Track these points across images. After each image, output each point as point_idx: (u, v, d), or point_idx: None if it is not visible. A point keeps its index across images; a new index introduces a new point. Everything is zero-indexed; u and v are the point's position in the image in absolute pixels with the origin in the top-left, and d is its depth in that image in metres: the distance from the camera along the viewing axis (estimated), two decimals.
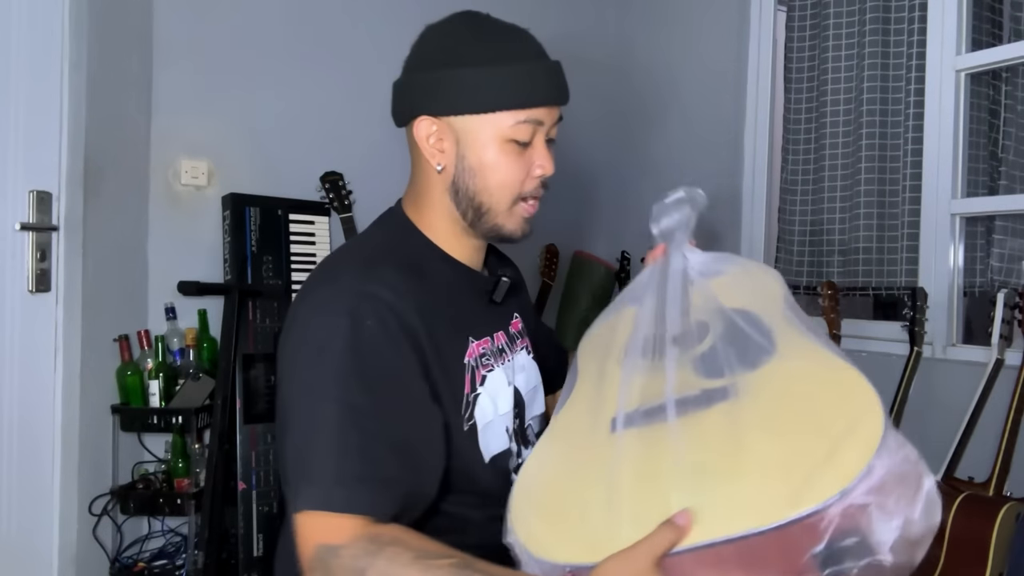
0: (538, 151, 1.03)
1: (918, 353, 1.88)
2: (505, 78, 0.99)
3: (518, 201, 1.04)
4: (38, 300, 1.86)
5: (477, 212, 1.03)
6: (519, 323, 1.19)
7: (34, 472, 1.87)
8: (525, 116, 1.00)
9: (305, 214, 2.35)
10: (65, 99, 1.88)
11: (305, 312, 0.95)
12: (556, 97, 1.03)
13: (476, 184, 1.02)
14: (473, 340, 1.03)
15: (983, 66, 1.92)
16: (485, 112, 0.99)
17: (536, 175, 1.03)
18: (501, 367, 1.07)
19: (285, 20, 2.45)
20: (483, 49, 1.00)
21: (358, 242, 1.11)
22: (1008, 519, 1.52)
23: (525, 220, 1.06)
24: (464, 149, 1.01)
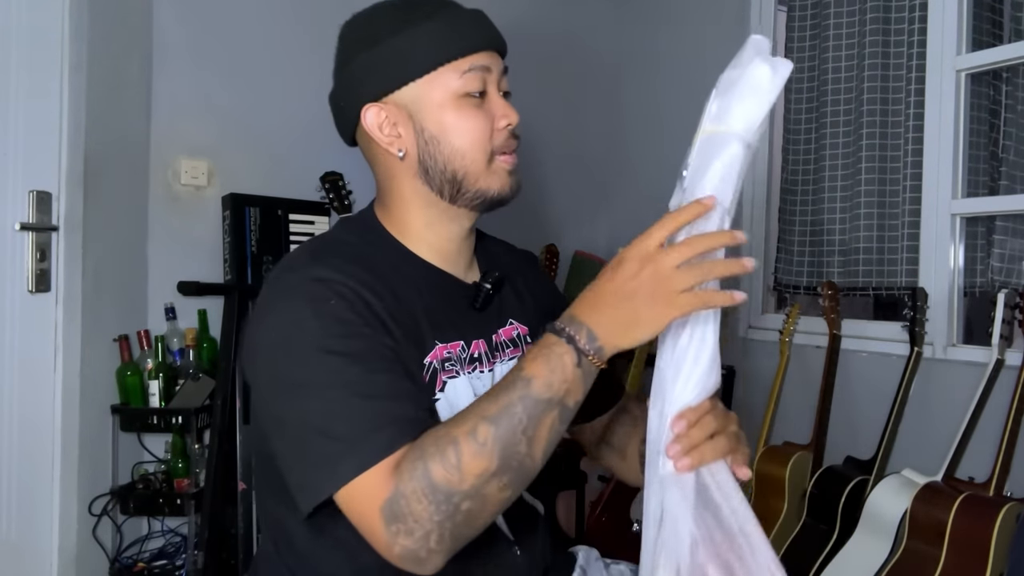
0: (495, 102, 0.96)
1: (918, 353, 1.88)
2: (433, 33, 0.93)
3: (493, 157, 0.96)
4: (38, 300, 1.86)
5: (454, 182, 0.96)
6: (514, 330, 1.07)
7: (34, 472, 1.87)
8: (468, 64, 0.94)
9: (305, 214, 2.34)
10: (65, 99, 1.88)
11: (262, 315, 0.89)
12: (491, 40, 0.97)
13: (443, 152, 0.95)
14: (439, 342, 0.95)
15: (983, 66, 1.92)
16: (426, 73, 0.93)
17: (502, 126, 0.96)
18: (466, 376, 0.97)
19: (285, 20, 2.45)
20: (401, 16, 0.95)
21: (310, 242, 1.03)
22: (1008, 519, 1.52)
23: (509, 174, 0.98)
24: (421, 121, 0.95)
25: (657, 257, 0.77)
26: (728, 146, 0.81)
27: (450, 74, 0.93)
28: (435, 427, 0.80)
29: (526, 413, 0.77)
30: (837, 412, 2.05)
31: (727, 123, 0.81)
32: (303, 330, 0.84)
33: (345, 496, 0.78)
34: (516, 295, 1.11)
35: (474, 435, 0.76)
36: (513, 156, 0.98)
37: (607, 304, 0.78)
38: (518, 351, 1.07)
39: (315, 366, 0.82)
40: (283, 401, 0.85)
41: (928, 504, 1.63)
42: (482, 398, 0.80)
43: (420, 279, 0.97)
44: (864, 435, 2.02)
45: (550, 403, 0.78)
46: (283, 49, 2.44)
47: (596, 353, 0.79)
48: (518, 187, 0.99)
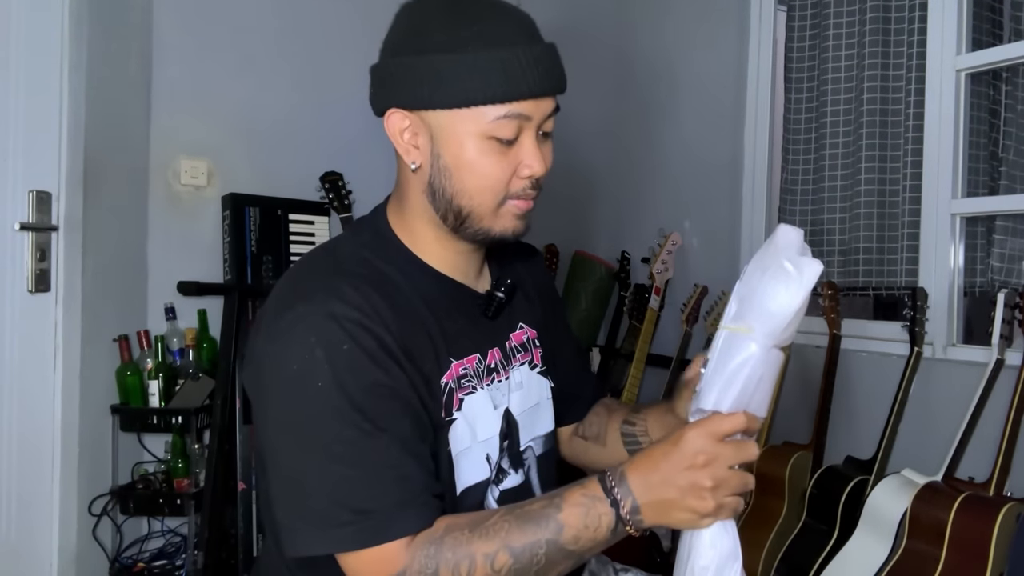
0: (526, 149, 0.90)
1: (918, 353, 1.88)
2: (482, 67, 0.85)
3: (505, 202, 0.92)
4: (38, 300, 1.86)
5: (457, 216, 0.92)
6: (524, 334, 1.07)
7: (34, 472, 1.87)
8: (506, 111, 0.86)
9: (305, 214, 2.35)
10: (65, 99, 1.88)
11: (271, 346, 0.86)
12: (545, 87, 0.88)
13: (453, 186, 0.90)
14: (454, 360, 0.94)
15: (983, 66, 1.92)
16: (459, 107, 0.87)
17: (524, 175, 0.91)
18: (486, 389, 0.97)
19: (285, 20, 2.45)
20: (458, 31, 0.86)
21: (322, 255, 0.97)
22: (1008, 519, 1.51)
23: (517, 218, 0.93)
24: (439, 147, 0.90)
25: (718, 454, 0.78)
26: (746, 348, 0.78)
27: (484, 113, 0.87)
28: (459, 526, 0.82)
29: (547, 557, 0.80)
30: (837, 412, 2.05)
31: (747, 323, 0.78)
32: (316, 377, 0.82)
33: (349, 559, 0.83)
34: (525, 297, 1.10)
35: (492, 561, 0.80)
36: (529, 203, 0.94)
37: (660, 484, 0.79)
38: (528, 355, 1.07)
39: (328, 425, 0.82)
40: (286, 445, 0.85)
41: (928, 504, 1.63)
42: (513, 518, 0.82)
43: (433, 292, 0.95)
44: (864, 435, 2.02)
45: (571, 554, 0.81)
46: (283, 49, 2.44)
47: (635, 524, 0.81)
48: (525, 230, 0.96)
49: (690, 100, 2.75)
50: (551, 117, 0.92)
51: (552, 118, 0.93)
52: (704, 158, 2.68)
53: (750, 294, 0.78)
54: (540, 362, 1.09)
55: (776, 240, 0.79)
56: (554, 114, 0.92)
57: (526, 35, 0.88)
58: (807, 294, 0.77)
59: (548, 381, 1.10)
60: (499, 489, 0.99)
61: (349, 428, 0.81)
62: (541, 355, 1.09)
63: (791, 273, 0.76)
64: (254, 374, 0.88)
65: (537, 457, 1.06)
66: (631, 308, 2.69)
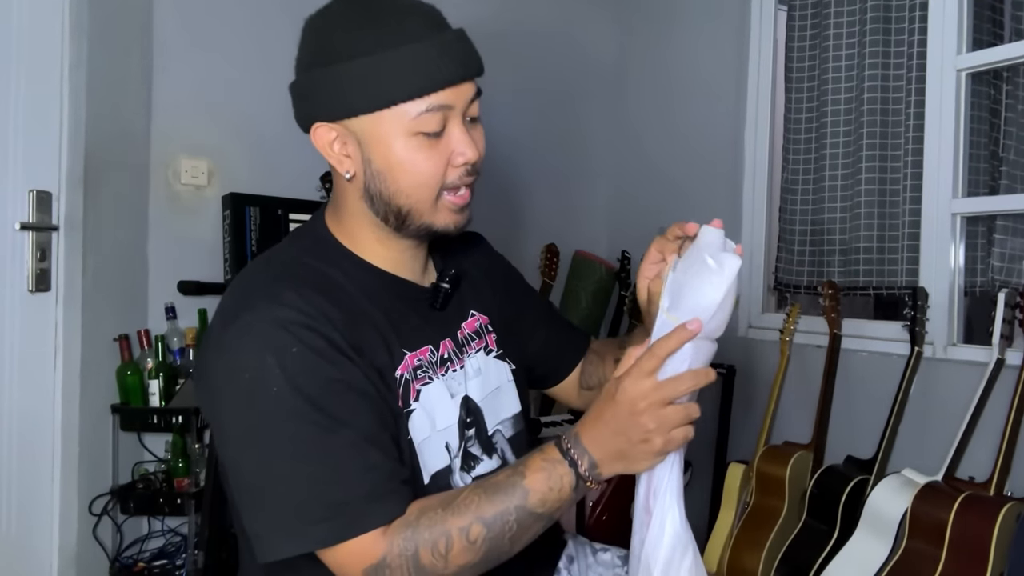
0: (455, 137, 0.90)
1: (919, 353, 1.88)
2: (394, 65, 0.85)
3: (441, 194, 0.92)
4: (38, 300, 1.86)
5: (398, 216, 0.93)
6: (475, 321, 1.08)
7: (34, 472, 1.87)
8: (427, 104, 0.87)
9: (305, 214, 2.34)
10: (65, 99, 1.88)
11: (220, 359, 0.86)
12: (461, 72, 0.88)
13: (388, 188, 0.91)
14: (407, 352, 0.95)
15: (984, 65, 1.92)
16: (379, 109, 0.87)
17: (457, 164, 0.91)
18: (442, 379, 0.99)
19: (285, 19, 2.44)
20: (363, 36, 0.86)
21: (261, 264, 0.97)
22: (1009, 519, 1.51)
23: (454, 211, 0.94)
24: (368, 152, 0.90)
25: (653, 396, 0.81)
26: None
27: (404, 111, 0.87)
28: (431, 507, 0.85)
29: (518, 523, 0.84)
30: (837, 412, 2.05)
31: (677, 316, 0.84)
32: (269, 383, 0.82)
33: (330, 555, 0.84)
34: (472, 285, 1.11)
35: (467, 533, 0.83)
36: (466, 192, 0.94)
37: (610, 437, 0.83)
38: (482, 342, 1.08)
39: (288, 428, 0.83)
40: (248, 455, 0.85)
41: (928, 504, 1.63)
42: (482, 491, 0.85)
43: (378, 289, 0.96)
44: (864, 435, 2.02)
45: (540, 517, 0.85)
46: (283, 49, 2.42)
47: (594, 478, 0.85)
48: (467, 222, 0.97)
49: (690, 100, 2.74)
50: (474, 101, 0.92)
51: (476, 102, 0.93)
52: (704, 158, 2.68)
53: (678, 290, 0.85)
54: (495, 346, 1.10)
55: (698, 241, 0.87)
56: (477, 98, 0.92)
57: (432, 26, 0.88)
58: (728, 286, 0.83)
59: (508, 364, 1.11)
60: (471, 476, 1.00)
61: (309, 426, 0.83)
62: (496, 339, 1.10)
63: (712, 268, 0.83)
64: (206, 388, 0.89)
65: (508, 439, 1.08)
66: (631, 308, 2.69)
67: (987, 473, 1.65)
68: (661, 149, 2.86)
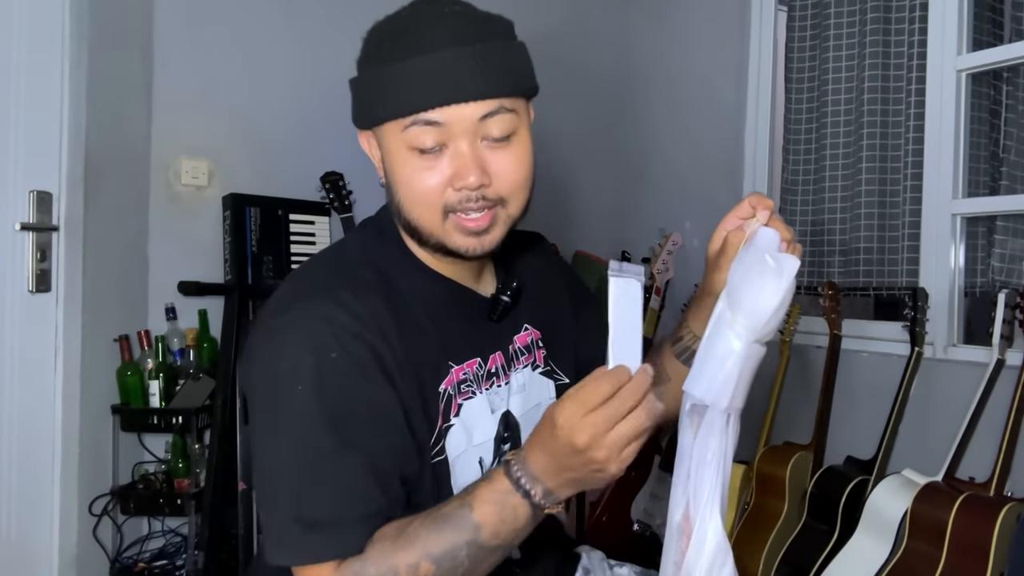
0: (455, 158, 0.86)
1: (919, 353, 1.88)
2: (381, 82, 0.86)
3: (447, 216, 0.88)
4: (38, 300, 1.86)
5: (412, 230, 0.91)
6: (528, 336, 1.05)
7: (34, 472, 1.87)
8: (411, 120, 0.85)
9: (305, 214, 2.35)
10: (65, 99, 1.88)
11: (265, 345, 0.87)
12: (443, 96, 0.84)
13: (399, 200, 0.90)
14: (454, 365, 0.93)
15: (984, 66, 1.92)
16: (374, 125, 0.89)
17: (456, 187, 0.86)
18: (484, 393, 0.96)
19: (285, 20, 2.45)
20: (379, 45, 0.88)
21: (329, 255, 0.98)
22: (1009, 519, 1.51)
23: (465, 234, 0.89)
24: (386, 162, 0.91)
25: (592, 429, 0.74)
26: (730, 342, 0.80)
27: (399, 125, 0.86)
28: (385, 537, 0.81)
29: (470, 558, 0.79)
30: (837, 412, 2.05)
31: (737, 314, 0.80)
32: (298, 380, 0.82)
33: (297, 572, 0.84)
34: (529, 296, 1.07)
35: (415, 570, 0.79)
36: (480, 217, 0.88)
37: (559, 470, 0.78)
38: (531, 357, 1.05)
39: (299, 430, 0.82)
40: (264, 444, 0.85)
41: (928, 504, 1.63)
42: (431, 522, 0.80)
43: (434, 296, 0.94)
44: (864, 435, 2.02)
45: (495, 549, 0.81)
46: (284, 49, 2.44)
47: (552, 503, 0.80)
48: (480, 248, 0.90)
49: (690, 100, 2.74)
50: (490, 119, 0.86)
51: (497, 120, 0.86)
52: (704, 158, 2.68)
53: (737, 286, 0.80)
54: (543, 363, 1.07)
55: (755, 240, 0.83)
56: (493, 116, 0.86)
57: (445, 41, 0.84)
58: (788, 288, 0.79)
59: (551, 381, 1.08)
60: None
61: (318, 438, 0.81)
62: (544, 355, 1.07)
63: (772, 268, 0.79)
64: (247, 371, 0.89)
65: None
66: None
67: (987, 473, 1.65)
68: (661, 149, 2.86)
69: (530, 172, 0.92)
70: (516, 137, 0.89)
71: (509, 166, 0.88)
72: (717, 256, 0.94)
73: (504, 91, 0.86)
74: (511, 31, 0.91)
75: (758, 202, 0.89)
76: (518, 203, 0.92)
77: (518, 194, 0.91)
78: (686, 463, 0.81)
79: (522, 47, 0.91)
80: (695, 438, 0.81)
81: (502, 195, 0.89)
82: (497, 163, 0.87)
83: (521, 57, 0.90)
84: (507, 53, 0.88)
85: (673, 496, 0.82)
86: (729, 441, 0.81)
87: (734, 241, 0.90)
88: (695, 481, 0.80)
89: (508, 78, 0.87)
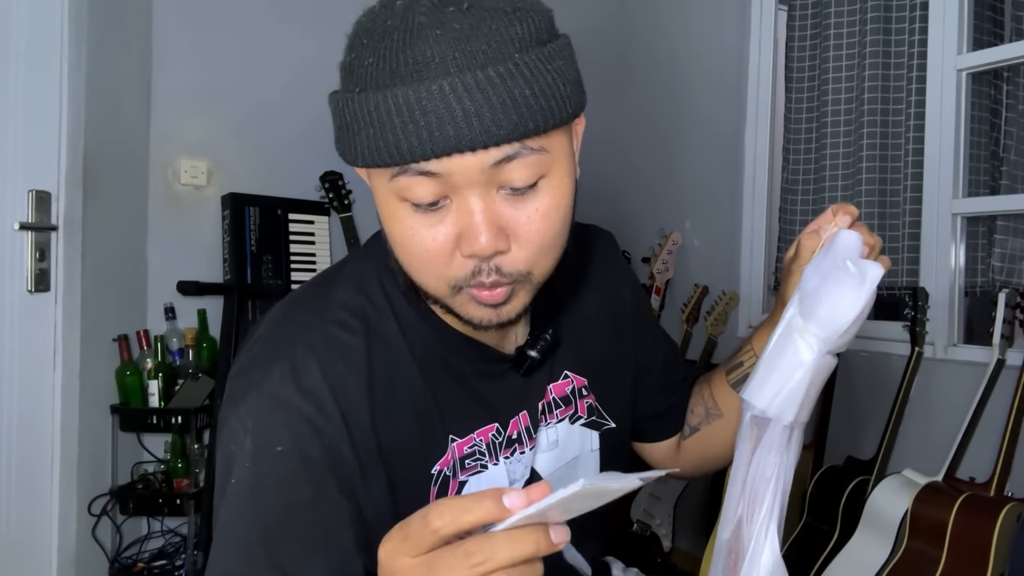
0: (459, 212, 0.64)
1: (919, 353, 1.88)
2: (357, 114, 0.63)
3: (460, 289, 0.68)
4: (37, 300, 1.86)
5: (423, 292, 0.72)
6: (568, 384, 0.87)
7: (33, 472, 1.86)
8: (399, 169, 0.63)
9: (305, 214, 2.34)
10: (64, 99, 1.88)
11: (224, 407, 0.73)
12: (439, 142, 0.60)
13: (397, 258, 0.71)
14: (456, 439, 0.77)
15: (984, 65, 1.92)
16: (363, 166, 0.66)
17: (465, 253, 0.65)
18: (504, 462, 0.80)
19: (285, 20, 2.44)
20: (357, 61, 0.65)
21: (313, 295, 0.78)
22: (1009, 520, 1.51)
23: (483, 305, 0.68)
24: (376, 206, 0.70)
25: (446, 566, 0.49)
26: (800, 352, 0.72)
27: (380, 173, 0.65)
28: None
29: None
30: (838, 412, 2.05)
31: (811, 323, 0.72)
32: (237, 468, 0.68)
33: None
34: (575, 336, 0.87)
35: None
36: (498, 291, 0.67)
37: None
38: (570, 409, 0.87)
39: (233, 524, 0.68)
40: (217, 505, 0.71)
41: (929, 504, 1.63)
42: None
43: (438, 353, 0.77)
44: (865, 435, 2.01)
45: None
46: (283, 49, 2.43)
47: None
48: (503, 318, 0.70)
49: (690, 100, 2.74)
50: (507, 164, 0.62)
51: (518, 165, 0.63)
52: (705, 158, 2.68)
53: (813, 292, 0.72)
54: (585, 413, 0.89)
55: (835, 244, 0.75)
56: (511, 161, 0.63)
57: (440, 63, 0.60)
58: (869, 298, 0.70)
59: (594, 432, 0.90)
60: None
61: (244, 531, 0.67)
62: (588, 406, 0.89)
63: (853, 274, 0.70)
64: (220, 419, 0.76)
65: None
66: None
67: (987, 473, 1.65)
68: (661, 149, 2.86)
69: (563, 224, 0.69)
70: (545, 182, 0.66)
71: (534, 224, 0.66)
72: (790, 262, 0.82)
73: (528, 130, 0.62)
74: (545, 29, 0.66)
75: (839, 208, 0.77)
76: (545, 269, 0.70)
77: (545, 260, 0.69)
78: (741, 477, 0.73)
79: (561, 52, 0.67)
80: (754, 452, 0.72)
81: (524, 268, 0.67)
82: (518, 222, 0.65)
83: (556, 70, 0.65)
84: (537, 71, 0.63)
85: (725, 512, 0.74)
86: (791, 456, 0.73)
87: (808, 244, 0.80)
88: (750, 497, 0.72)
89: (535, 111, 0.62)
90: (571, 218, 0.71)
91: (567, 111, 0.66)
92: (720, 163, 2.61)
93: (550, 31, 0.67)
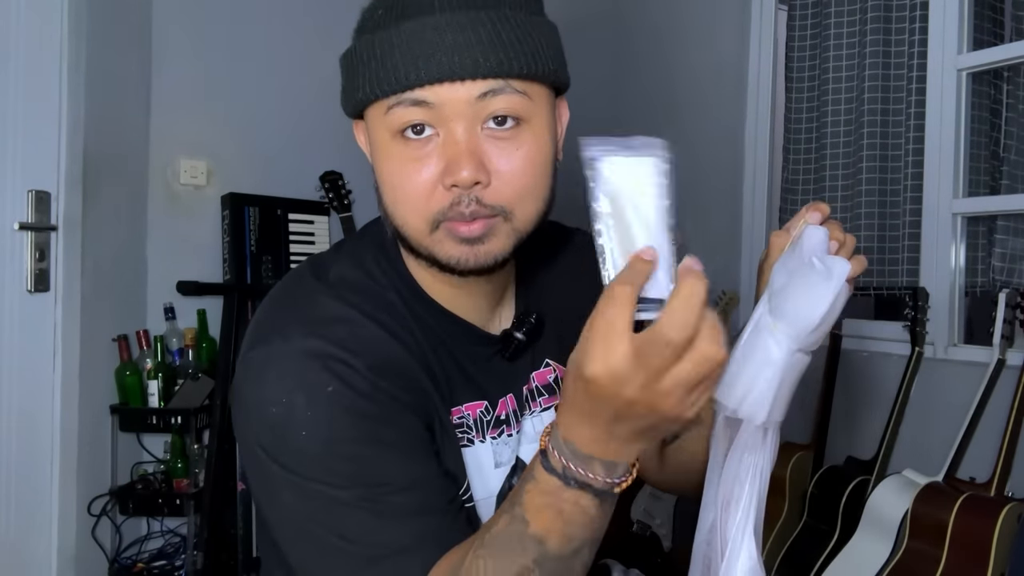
0: (445, 144, 0.70)
1: (919, 353, 1.88)
2: (365, 54, 0.71)
3: (438, 225, 0.71)
4: (37, 300, 1.86)
5: (403, 238, 0.75)
6: (550, 372, 0.89)
7: (33, 472, 1.86)
8: (395, 99, 0.70)
9: (304, 213, 2.34)
10: (64, 99, 1.88)
11: (246, 386, 0.74)
12: (433, 68, 0.68)
13: (384, 202, 0.76)
14: (450, 407, 0.80)
15: (985, 65, 1.92)
16: (358, 108, 0.75)
17: (447, 183, 0.69)
18: (490, 442, 0.82)
19: (285, 20, 2.44)
20: (368, 16, 0.74)
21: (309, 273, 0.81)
22: (1009, 520, 1.51)
23: (458, 241, 0.71)
24: (372, 159, 0.77)
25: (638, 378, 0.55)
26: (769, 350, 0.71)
27: (378, 111, 0.72)
28: None
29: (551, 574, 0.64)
30: (838, 412, 2.05)
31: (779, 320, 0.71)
32: (296, 444, 0.69)
33: None
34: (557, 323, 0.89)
35: None
36: (476, 224, 0.70)
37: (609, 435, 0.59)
38: (555, 398, 0.88)
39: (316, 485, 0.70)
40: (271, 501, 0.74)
41: (929, 504, 1.62)
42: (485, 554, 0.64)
43: (431, 326, 0.80)
44: (865, 435, 2.01)
45: (577, 552, 0.64)
46: (283, 49, 2.43)
47: (621, 475, 0.62)
48: (480, 259, 0.72)
49: (690, 100, 2.74)
50: (491, 97, 0.69)
51: (502, 99, 0.70)
52: (704, 158, 2.68)
53: (781, 290, 0.72)
54: None
55: (802, 241, 0.74)
56: (495, 95, 0.69)
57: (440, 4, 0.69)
58: (836, 295, 0.70)
59: None
60: None
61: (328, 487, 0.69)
62: None
63: (820, 271, 0.70)
64: (235, 406, 0.77)
65: None
66: None
67: (988, 474, 1.65)
68: None
69: (542, 177, 0.74)
70: (527, 127, 0.71)
71: (513, 163, 0.71)
72: (763, 262, 0.82)
73: (512, 69, 0.69)
74: (535, 4, 0.75)
75: (811, 206, 0.77)
76: (525, 215, 0.73)
77: (525, 203, 0.73)
78: (715, 480, 0.71)
79: (548, 25, 0.75)
80: (727, 454, 0.71)
81: (503, 203, 0.71)
82: (499, 158, 0.71)
83: (543, 35, 0.73)
84: (523, 26, 0.71)
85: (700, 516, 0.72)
86: (767, 457, 0.71)
87: (777, 243, 0.79)
88: (724, 500, 0.70)
89: (519, 54, 0.69)
90: (547, 183, 0.76)
91: (549, 69, 0.73)
92: (720, 163, 2.61)
93: (539, 7, 0.76)
